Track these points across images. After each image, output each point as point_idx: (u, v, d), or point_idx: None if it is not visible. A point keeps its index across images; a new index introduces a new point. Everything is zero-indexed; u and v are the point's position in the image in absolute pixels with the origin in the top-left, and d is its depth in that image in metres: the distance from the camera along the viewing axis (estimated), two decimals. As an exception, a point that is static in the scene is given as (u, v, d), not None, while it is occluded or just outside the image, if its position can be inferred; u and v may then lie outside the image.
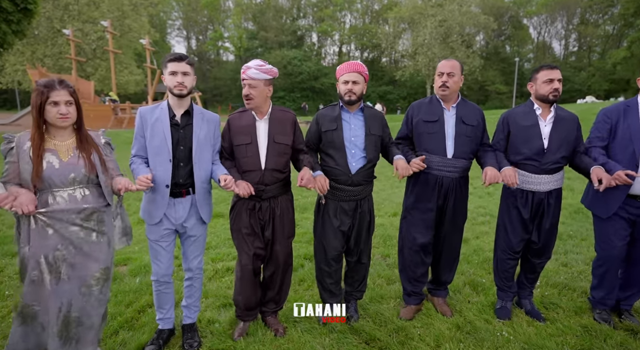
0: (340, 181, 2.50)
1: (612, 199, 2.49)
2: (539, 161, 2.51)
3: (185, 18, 53.11)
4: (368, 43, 51.00)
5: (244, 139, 2.36)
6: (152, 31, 34.67)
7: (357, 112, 2.57)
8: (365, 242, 2.66)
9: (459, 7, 39.10)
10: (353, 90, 2.46)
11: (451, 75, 2.55)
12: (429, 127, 2.60)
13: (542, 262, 2.73)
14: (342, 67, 2.51)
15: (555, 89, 2.49)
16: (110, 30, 23.37)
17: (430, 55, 38.95)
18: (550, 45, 53.42)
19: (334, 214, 2.56)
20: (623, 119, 2.50)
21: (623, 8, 35.16)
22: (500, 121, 2.71)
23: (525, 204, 2.60)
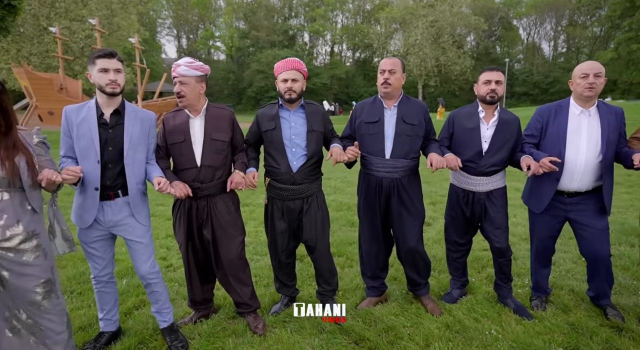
0: (283, 180, 2.50)
1: (544, 195, 2.59)
2: (477, 163, 2.57)
3: (175, 17, 52.69)
4: (360, 43, 51.13)
5: (177, 138, 2.34)
6: (142, 30, 34.32)
7: (298, 109, 2.55)
8: (320, 239, 2.61)
9: (450, 7, 39.46)
10: (293, 88, 2.44)
11: (392, 72, 2.54)
12: (369, 128, 2.61)
13: (504, 261, 2.72)
14: (280, 65, 2.48)
15: (492, 90, 2.53)
16: (98, 29, 23.02)
17: (421, 56, 39.22)
18: (540, 46, 54.16)
19: (280, 214, 2.57)
20: (553, 119, 2.56)
21: (610, 10, 35.77)
22: (446, 120, 2.75)
23: (467, 203, 2.69)
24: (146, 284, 2.33)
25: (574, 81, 2.50)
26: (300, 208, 2.55)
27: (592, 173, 2.46)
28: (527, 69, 48.98)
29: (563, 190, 2.54)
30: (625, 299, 2.90)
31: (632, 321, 2.60)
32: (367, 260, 2.85)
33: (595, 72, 2.38)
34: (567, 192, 2.54)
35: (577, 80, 2.46)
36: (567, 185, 2.52)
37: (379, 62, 10.78)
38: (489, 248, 2.79)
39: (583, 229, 2.56)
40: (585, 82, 2.40)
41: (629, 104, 21.51)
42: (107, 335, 2.36)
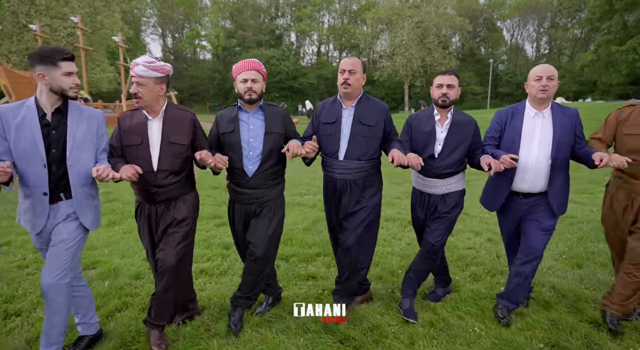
0: (240, 184, 2.46)
1: (498, 195, 2.65)
2: (430, 165, 2.58)
3: (160, 15, 51.96)
4: (346, 43, 51.24)
5: (134, 140, 2.23)
6: (126, 28, 33.76)
7: (257, 111, 2.49)
8: (264, 240, 2.45)
9: (435, 8, 39.87)
10: (253, 88, 2.38)
11: (353, 72, 2.51)
12: (326, 129, 2.59)
13: (431, 259, 2.72)
14: (239, 65, 2.43)
15: (443, 94, 2.55)
16: (80, 27, 22.57)
17: (407, 56, 39.52)
18: (523, 48, 55.21)
19: (239, 217, 2.55)
20: (510, 121, 2.58)
21: (590, 13, 36.59)
22: (405, 124, 2.76)
23: (423, 205, 2.72)
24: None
25: (528, 84, 2.53)
26: (254, 212, 2.50)
27: (543, 175, 2.49)
28: (511, 69, 49.83)
29: (518, 191, 2.58)
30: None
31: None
32: (337, 261, 2.81)
33: (548, 74, 2.42)
34: (521, 192, 2.57)
35: (531, 83, 2.49)
36: (519, 186, 2.55)
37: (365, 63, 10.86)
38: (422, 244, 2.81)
39: (529, 225, 2.58)
40: (539, 84, 2.43)
41: (608, 105, 22.08)
42: (87, 339, 2.31)
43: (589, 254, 3.79)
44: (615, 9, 32.18)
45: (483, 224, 4.91)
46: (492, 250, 3.94)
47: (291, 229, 4.61)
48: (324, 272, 3.42)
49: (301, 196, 6.60)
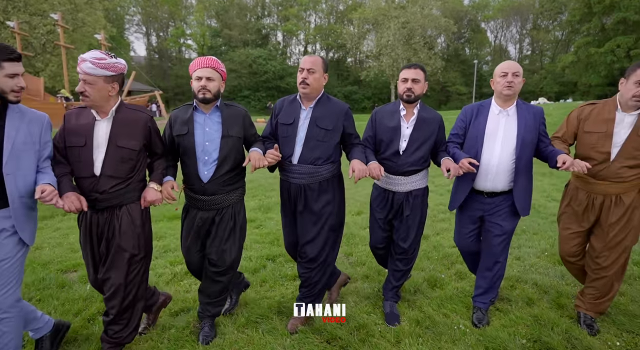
0: (195, 190, 2.32)
1: (459, 193, 2.61)
2: (395, 162, 2.53)
3: (144, 13, 51.09)
4: (333, 43, 51.30)
5: (77, 141, 2.03)
6: (109, 26, 33.07)
7: (214, 112, 2.34)
8: (226, 252, 2.38)
9: (420, 9, 40.22)
10: (207, 87, 2.23)
11: (312, 71, 2.38)
12: (283, 130, 2.47)
13: (403, 257, 2.70)
14: (195, 62, 2.28)
15: (408, 88, 2.47)
16: (61, 24, 22.05)
17: (394, 56, 39.76)
18: (506, 49, 56.12)
19: (193, 223, 2.38)
20: (475, 119, 2.55)
21: (570, 15, 37.43)
22: (370, 118, 2.68)
23: (386, 204, 2.64)
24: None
25: (494, 80, 2.50)
26: (212, 219, 2.37)
27: (507, 174, 2.48)
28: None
29: (481, 190, 2.55)
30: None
31: (589, 311, 2.73)
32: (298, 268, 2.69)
33: (513, 71, 2.41)
34: (485, 192, 2.55)
35: (497, 79, 2.47)
36: (482, 185, 2.53)
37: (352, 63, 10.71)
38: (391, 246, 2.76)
39: (492, 226, 2.58)
40: (504, 80, 2.41)
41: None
42: (48, 337, 2.23)
43: (570, 251, 3.87)
44: (594, 12, 33.02)
45: (468, 222, 4.96)
46: (476, 248, 3.99)
47: (278, 229, 4.58)
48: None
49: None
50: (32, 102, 17.04)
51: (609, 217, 2.42)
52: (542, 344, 2.37)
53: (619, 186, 2.37)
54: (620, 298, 2.89)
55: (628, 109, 2.33)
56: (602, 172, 2.37)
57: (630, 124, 2.32)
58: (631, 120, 2.32)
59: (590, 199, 2.47)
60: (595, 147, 2.38)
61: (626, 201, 2.37)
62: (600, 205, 2.44)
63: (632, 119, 2.32)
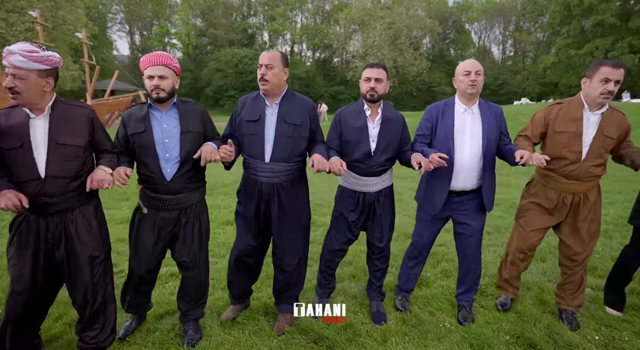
0: (157, 190, 2.22)
1: (438, 197, 2.58)
2: (367, 164, 2.50)
3: (127, 12, 50.22)
4: (320, 43, 51.31)
5: (12, 142, 1.88)
6: (90, 24, 32.35)
7: (171, 109, 2.26)
8: (197, 257, 2.36)
9: (406, 10, 40.56)
10: (161, 86, 2.14)
11: (270, 67, 2.32)
12: (249, 127, 2.38)
13: (381, 256, 2.73)
14: (144, 60, 2.17)
15: (371, 87, 2.44)
16: (40, 22, 21.48)
17: (380, 57, 39.97)
18: (490, 50, 57.04)
19: (151, 226, 2.27)
20: (441, 118, 2.55)
21: (551, 17, 38.24)
22: (333, 119, 2.63)
23: (357, 205, 2.60)
24: None
25: (457, 79, 2.51)
26: (176, 220, 2.29)
27: (475, 171, 2.51)
28: (479, 71, 51.36)
29: (452, 189, 2.57)
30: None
31: (570, 307, 2.79)
32: (237, 269, 2.62)
33: (476, 69, 2.43)
34: (455, 191, 2.57)
35: (460, 78, 2.48)
36: (454, 184, 2.54)
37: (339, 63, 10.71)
38: (367, 246, 2.77)
39: (462, 227, 2.62)
40: (467, 79, 2.42)
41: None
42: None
43: (552, 248, 3.97)
44: (573, 15, 33.79)
45: (453, 221, 5.03)
46: (461, 247, 4.05)
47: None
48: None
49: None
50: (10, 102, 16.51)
51: (579, 215, 2.50)
52: (524, 340, 2.42)
53: (587, 185, 2.45)
54: (599, 293, 2.96)
55: (593, 108, 2.39)
56: (574, 172, 2.42)
57: (596, 123, 2.39)
58: (596, 120, 2.39)
59: (560, 198, 2.52)
60: (567, 147, 2.42)
61: (591, 198, 2.48)
62: (570, 203, 2.51)
63: (597, 119, 2.39)
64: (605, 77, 2.29)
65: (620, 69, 2.29)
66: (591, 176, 2.42)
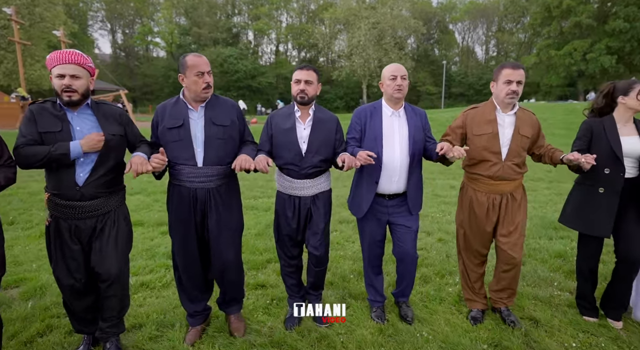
0: (68, 196, 2.02)
1: (364, 199, 2.57)
2: (299, 165, 2.45)
3: (108, 9, 49.14)
4: (305, 42, 51.19)
5: None
6: (70, 22, 31.53)
7: (83, 110, 2.08)
8: (113, 267, 2.13)
9: (390, 10, 40.79)
10: (72, 86, 1.96)
11: (211, 73, 2.30)
12: (173, 134, 2.25)
13: (319, 270, 2.64)
14: (53, 57, 1.96)
15: (301, 90, 2.42)
16: (15, 19, 20.79)
17: (365, 56, 40.12)
18: (473, 50, 57.81)
19: (69, 234, 2.08)
20: (370, 121, 2.54)
21: (532, 18, 38.92)
22: (265, 122, 2.59)
23: (294, 210, 2.52)
24: None
25: (383, 82, 2.50)
26: (93, 228, 2.11)
27: (405, 173, 2.52)
28: (463, 71, 52.03)
29: (384, 193, 2.55)
30: (542, 291, 3.09)
31: (546, 313, 2.76)
32: (186, 283, 2.48)
33: (401, 74, 2.44)
34: (388, 194, 2.55)
35: (386, 82, 2.47)
36: (387, 187, 2.52)
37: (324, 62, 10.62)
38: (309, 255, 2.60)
39: (397, 229, 2.61)
40: (394, 83, 2.43)
41: (549, 105, 23.59)
42: None
43: (530, 251, 3.95)
44: (553, 16, 34.44)
45: (435, 223, 5.00)
46: (442, 251, 4.01)
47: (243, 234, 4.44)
48: (275, 280, 3.30)
49: (255, 199, 6.42)
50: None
51: (508, 214, 2.56)
52: (502, 348, 2.37)
53: (512, 184, 2.53)
54: (577, 297, 2.94)
55: (505, 109, 2.49)
56: (498, 172, 2.48)
57: (512, 124, 2.49)
58: (511, 120, 2.49)
59: (490, 200, 2.56)
60: (487, 148, 2.48)
61: (517, 197, 2.56)
62: (499, 204, 2.56)
63: (511, 119, 2.49)
64: (507, 78, 2.41)
65: (520, 69, 2.41)
66: (515, 174, 2.50)
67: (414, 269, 2.70)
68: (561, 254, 3.84)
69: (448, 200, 6.29)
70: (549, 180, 8.19)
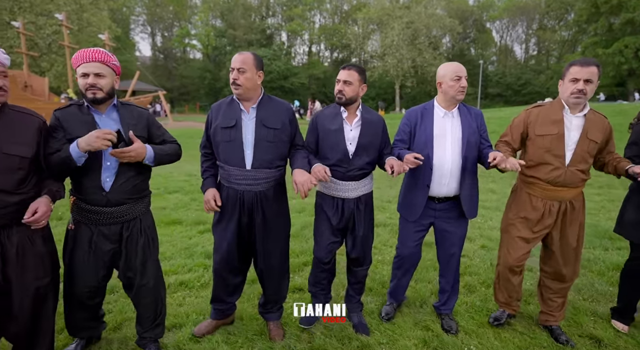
0: (94, 201, 1.97)
1: (417, 203, 2.50)
2: (345, 167, 2.40)
3: (149, 13, 51.23)
4: (338, 43, 51.14)
5: None
6: (114, 26, 33.14)
7: (110, 111, 2.03)
8: (141, 274, 2.14)
9: (425, 9, 39.99)
10: (97, 85, 1.90)
11: (242, 71, 2.18)
12: (225, 134, 2.24)
13: (363, 269, 2.63)
14: (77, 56, 1.92)
15: (339, 90, 2.38)
16: (65, 24, 22.03)
17: (398, 57, 39.56)
18: (512, 49, 55.63)
19: (88, 241, 2.02)
20: (420, 122, 2.47)
21: (576, 15, 37.03)
22: (310, 122, 2.54)
23: (335, 212, 2.47)
24: None
25: (443, 82, 2.40)
26: (119, 235, 2.06)
27: (457, 177, 2.42)
28: (500, 70, 50.19)
29: (434, 196, 2.47)
30: (602, 307, 2.86)
31: (609, 331, 2.54)
32: (218, 282, 2.49)
33: (465, 74, 2.35)
34: (437, 197, 2.47)
35: (448, 82, 2.37)
36: (437, 190, 2.45)
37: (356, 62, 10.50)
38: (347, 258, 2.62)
39: (443, 234, 2.54)
40: (458, 84, 2.34)
41: (597, 105, 22.28)
42: None
43: (585, 262, 3.69)
44: (601, 12, 32.59)
45: (476, 229, 4.79)
46: (486, 259, 3.82)
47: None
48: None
49: (290, 199, 6.41)
50: (36, 102, 17.03)
51: (566, 224, 2.40)
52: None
53: (573, 191, 2.35)
54: None
55: (574, 110, 2.30)
56: (560, 178, 2.31)
57: (579, 127, 2.30)
58: (579, 123, 2.30)
59: (546, 206, 2.39)
60: (550, 150, 2.31)
61: (576, 206, 2.39)
62: (557, 212, 2.38)
63: (580, 121, 2.30)
64: (573, 76, 2.23)
65: (590, 66, 2.19)
66: (577, 182, 2.32)
67: (457, 276, 2.63)
68: (619, 266, 3.54)
69: (488, 205, 6.01)
70: (598, 185, 7.68)
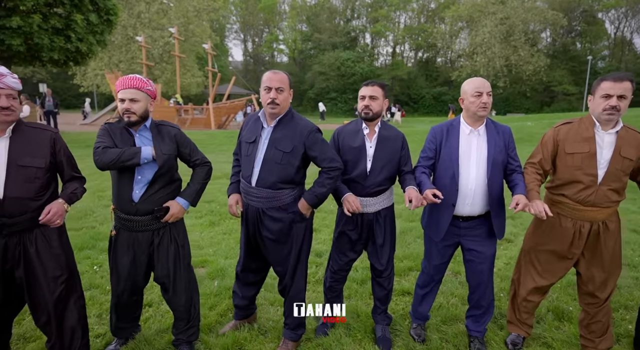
0: (126, 210, 2.19)
1: (442, 222, 2.42)
2: (362, 184, 2.40)
3: (242, 22, 55.12)
4: (423, 43, 49.76)
5: None
6: (213, 35, 36.43)
7: (142, 130, 2.23)
8: (174, 278, 2.32)
9: (522, 3, 37.02)
10: (132, 109, 2.11)
11: (280, 90, 2.27)
12: (246, 148, 2.36)
13: (384, 279, 2.62)
14: (119, 83, 2.15)
15: (365, 106, 2.38)
16: (177, 36, 24.89)
17: (489, 55, 37.29)
18: (631, 41, 48.67)
19: (127, 246, 2.25)
20: (446, 139, 2.38)
21: None
22: (331, 139, 2.54)
23: (355, 226, 2.49)
24: None
25: (465, 99, 2.33)
26: (150, 241, 2.26)
27: (483, 196, 2.33)
28: (615, 66, 44.23)
29: (458, 215, 2.40)
30: None
31: None
32: (241, 285, 2.69)
33: (487, 90, 2.28)
34: (461, 216, 2.39)
35: (469, 99, 2.30)
36: (460, 210, 2.37)
37: (442, 63, 10.32)
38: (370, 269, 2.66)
39: (472, 254, 2.44)
40: (479, 100, 2.26)
41: None
42: None
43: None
44: None
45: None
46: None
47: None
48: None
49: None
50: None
51: (600, 245, 2.28)
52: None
53: (606, 211, 2.23)
54: None
55: (605, 126, 2.19)
56: (590, 197, 2.20)
57: (611, 144, 2.18)
58: (611, 140, 2.19)
59: (577, 227, 2.29)
60: (582, 169, 2.21)
61: (611, 227, 2.27)
62: (588, 233, 2.27)
63: (611, 138, 2.19)
64: (606, 92, 2.11)
65: (624, 82, 2.06)
66: (610, 202, 2.20)
67: (487, 297, 2.51)
68: None
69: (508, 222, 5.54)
70: None
